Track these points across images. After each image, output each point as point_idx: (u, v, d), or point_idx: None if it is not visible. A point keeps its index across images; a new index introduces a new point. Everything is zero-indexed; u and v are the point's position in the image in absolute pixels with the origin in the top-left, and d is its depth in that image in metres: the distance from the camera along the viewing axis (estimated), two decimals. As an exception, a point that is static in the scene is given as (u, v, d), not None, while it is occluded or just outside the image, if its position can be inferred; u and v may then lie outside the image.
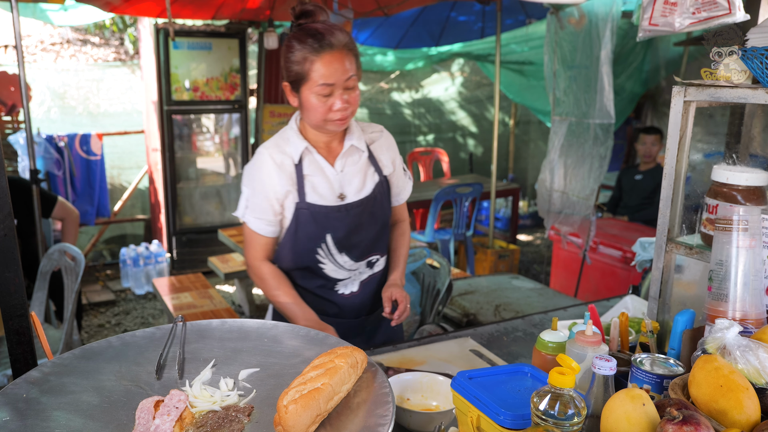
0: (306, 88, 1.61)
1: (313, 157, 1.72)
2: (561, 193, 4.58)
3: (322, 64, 1.57)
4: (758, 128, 1.74)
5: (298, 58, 1.59)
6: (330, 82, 1.58)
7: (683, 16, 1.50)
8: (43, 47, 6.24)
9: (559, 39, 4.48)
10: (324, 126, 1.65)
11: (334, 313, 1.83)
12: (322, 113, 1.61)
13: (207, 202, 5.93)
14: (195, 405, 1.11)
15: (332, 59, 1.57)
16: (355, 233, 1.75)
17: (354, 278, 1.81)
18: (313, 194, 1.70)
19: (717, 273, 1.22)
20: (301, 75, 1.60)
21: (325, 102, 1.60)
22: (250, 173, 1.72)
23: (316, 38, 1.57)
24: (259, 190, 1.70)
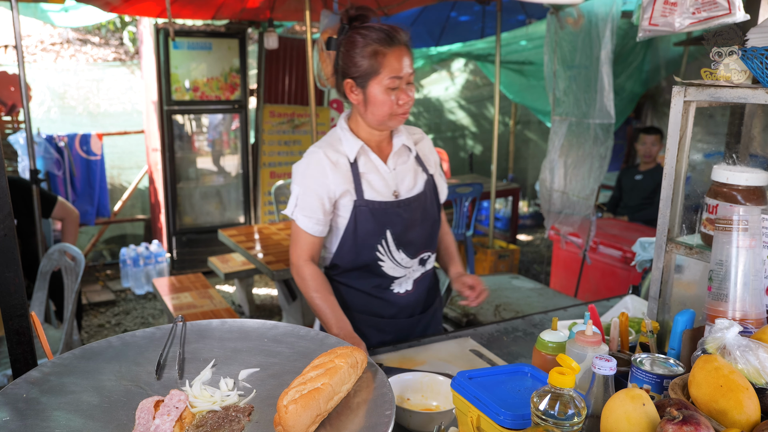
0: (375, 82, 1.65)
1: (368, 155, 1.75)
2: (561, 193, 4.58)
3: (393, 58, 1.63)
4: (758, 128, 1.74)
5: (369, 51, 1.63)
6: (399, 75, 1.63)
7: (683, 16, 1.50)
8: (43, 47, 6.24)
9: (559, 39, 4.48)
10: (388, 121, 1.70)
11: (390, 314, 1.85)
12: (389, 107, 1.66)
13: (207, 202, 5.93)
14: (195, 405, 1.11)
15: (400, 54, 1.64)
16: (411, 229, 1.78)
17: (408, 276, 1.84)
18: (370, 191, 1.74)
19: (717, 273, 1.22)
20: (371, 68, 1.64)
21: (391, 96, 1.65)
22: (303, 171, 1.74)
23: (385, 34, 1.63)
24: (312, 189, 1.72)
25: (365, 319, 1.83)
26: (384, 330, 1.85)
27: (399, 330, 1.87)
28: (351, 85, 1.69)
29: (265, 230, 4.16)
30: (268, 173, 5.93)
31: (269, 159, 5.92)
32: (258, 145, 5.92)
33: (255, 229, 4.20)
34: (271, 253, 3.56)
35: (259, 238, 3.93)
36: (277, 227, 4.24)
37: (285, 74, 5.91)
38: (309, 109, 4.08)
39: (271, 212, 5.88)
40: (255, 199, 6.01)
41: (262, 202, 5.94)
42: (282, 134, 5.94)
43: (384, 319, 1.84)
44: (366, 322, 1.84)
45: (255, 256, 3.52)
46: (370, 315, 1.83)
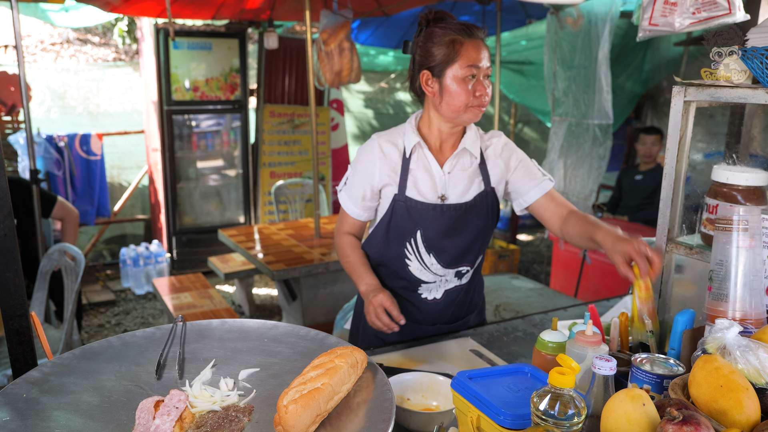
0: (451, 71, 1.64)
1: (423, 152, 1.75)
2: (561, 193, 4.58)
3: (471, 48, 1.63)
4: (758, 128, 1.75)
5: (447, 40, 1.64)
6: (477, 64, 1.63)
7: (683, 16, 1.50)
8: (43, 47, 6.24)
9: (558, 39, 4.48)
10: (463, 113, 1.67)
11: (414, 318, 1.84)
12: (465, 98, 1.64)
13: (207, 202, 5.93)
14: (195, 405, 1.11)
15: (477, 46, 1.64)
16: (447, 236, 1.74)
17: (440, 285, 1.81)
18: (413, 189, 1.73)
19: (717, 273, 1.22)
20: (448, 57, 1.64)
21: (467, 86, 1.64)
22: (358, 156, 1.79)
23: (464, 26, 1.66)
24: (360, 173, 1.77)
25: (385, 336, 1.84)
26: (404, 332, 1.82)
27: (419, 336, 1.85)
28: (427, 76, 1.68)
29: (265, 230, 4.16)
30: (268, 173, 5.93)
31: (269, 159, 5.92)
32: (258, 145, 5.92)
33: (255, 229, 4.20)
34: (271, 253, 3.56)
35: (259, 238, 3.93)
36: (277, 227, 4.24)
37: (285, 74, 5.91)
38: (309, 109, 4.08)
39: (271, 212, 5.88)
40: (255, 199, 6.01)
41: (262, 202, 5.94)
42: (282, 134, 5.94)
43: (409, 323, 1.81)
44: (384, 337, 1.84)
45: (255, 256, 3.53)
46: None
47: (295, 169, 6.02)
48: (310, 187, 5.29)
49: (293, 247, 3.69)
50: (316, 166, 3.97)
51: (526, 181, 1.80)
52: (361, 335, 1.92)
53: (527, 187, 1.80)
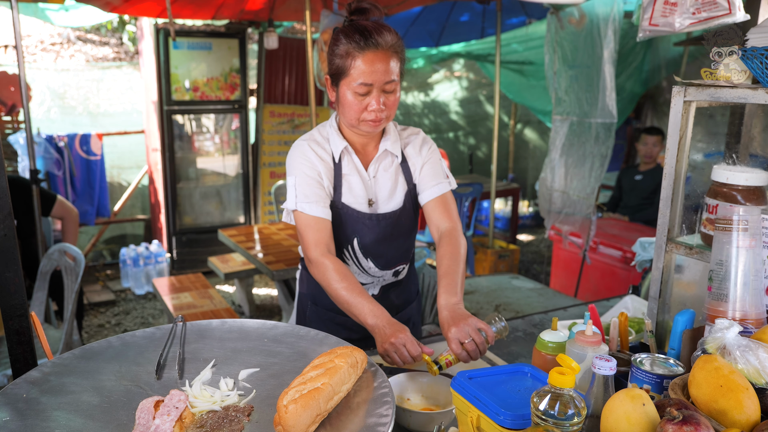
0: (344, 84, 1.57)
1: (351, 157, 1.69)
2: (561, 193, 4.58)
3: (363, 62, 1.53)
4: (758, 128, 1.75)
5: (342, 51, 1.56)
6: (368, 81, 1.53)
7: (683, 16, 1.50)
8: (43, 47, 6.24)
9: (559, 39, 4.48)
10: (357, 126, 1.61)
11: None
12: (357, 112, 1.57)
13: (207, 202, 5.93)
14: (195, 405, 1.11)
15: (375, 58, 1.53)
16: (382, 243, 1.72)
17: (377, 283, 1.80)
18: (348, 195, 1.68)
19: (717, 273, 1.22)
20: (341, 69, 1.56)
21: (361, 101, 1.56)
22: (293, 161, 1.66)
23: (363, 35, 1.53)
24: (307, 174, 1.63)
25: (332, 317, 1.81)
26: (352, 329, 1.80)
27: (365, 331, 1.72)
28: (329, 81, 1.64)
29: (265, 230, 4.16)
30: (268, 173, 5.93)
31: (269, 159, 5.92)
32: (258, 145, 5.92)
33: (255, 229, 4.20)
34: (271, 253, 3.55)
35: (259, 238, 3.93)
36: (277, 227, 4.24)
37: (285, 74, 5.91)
38: (309, 109, 4.08)
39: (271, 212, 5.88)
40: (255, 199, 6.01)
41: (262, 202, 5.94)
42: (282, 134, 5.94)
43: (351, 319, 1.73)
44: (333, 320, 1.81)
45: (255, 256, 3.52)
46: (337, 313, 1.79)
47: (295, 169, 6.01)
48: (310, 187, 5.28)
49: (293, 247, 3.69)
50: (316, 166, 3.96)
51: (428, 179, 1.74)
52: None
53: (427, 185, 1.74)
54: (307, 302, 1.85)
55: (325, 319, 1.82)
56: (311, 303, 1.84)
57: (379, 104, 1.56)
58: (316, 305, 1.83)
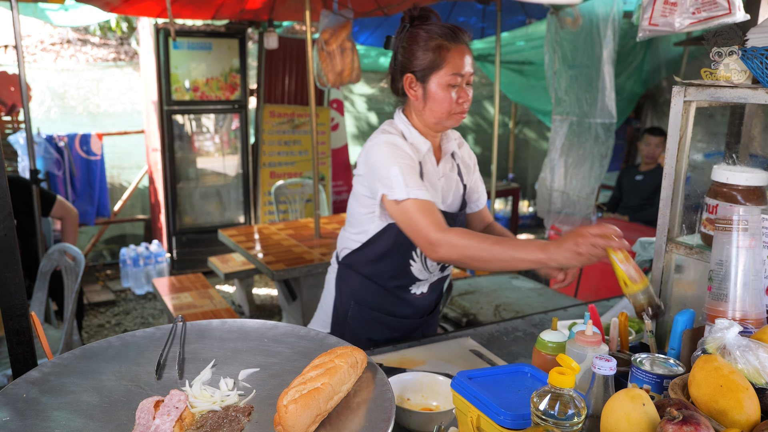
0: (436, 78, 1.63)
1: (429, 156, 1.73)
2: (561, 193, 4.58)
3: (455, 54, 1.61)
4: (758, 128, 1.75)
5: (432, 46, 1.62)
6: (461, 72, 1.62)
7: (683, 16, 1.50)
8: (43, 47, 6.24)
9: (559, 39, 4.48)
10: (445, 120, 1.67)
11: (403, 314, 1.86)
12: (449, 105, 1.63)
13: (207, 202, 5.93)
14: (195, 405, 1.11)
15: (462, 51, 1.63)
16: None
17: (428, 280, 1.84)
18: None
19: (717, 273, 1.22)
20: (434, 63, 1.62)
21: (451, 92, 1.63)
22: (390, 152, 1.62)
23: (450, 30, 1.63)
24: (408, 163, 1.62)
25: (377, 317, 1.84)
26: (394, 329, 1.86)
27: (407, 330, 1.88)
28: (411, 79, 1.66)
29: (265, 230, 4.16)
30: (268, 173, 5.93)
31: (269, 159, 5.92)
32: (258, 145, 5.92)
33: (255, 229, 4.20)
34: (271, 253, 3.55)
35: (259, 238, 3.93)
36: (277, 227, 4.24)
37: (285, 74, 5.91)
38: (309, 109, 4.08)
39: (271, 212, 5.88)
40: (255, 199, 6.01)
41: (262, 202, 5.94)
42: (282, 134, 5.94)
43: (396, 318, 1.85)
44: (377, 320, 1.84)
45: (255, 256, 3.52)
46: (382, 313, 1.84)
47: (295, 169, 6.02)
48: (310, 187, 5.29)
49: (293, 247, 3.69)
50: (316, 166, 3.97)
51: (480, 188, 1.94)
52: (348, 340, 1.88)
53: (480, 193, 1.93)
54: (350, 302, 1.84)
55: (368, 318, 1.84)
56: (354, 303, 1.84)
57: (468, 96, 1.65)
58: (359, 305, 1.84)
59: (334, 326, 1.91)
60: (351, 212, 1.81)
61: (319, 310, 1.99)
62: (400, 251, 1.76)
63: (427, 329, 1.97)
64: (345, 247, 1.85)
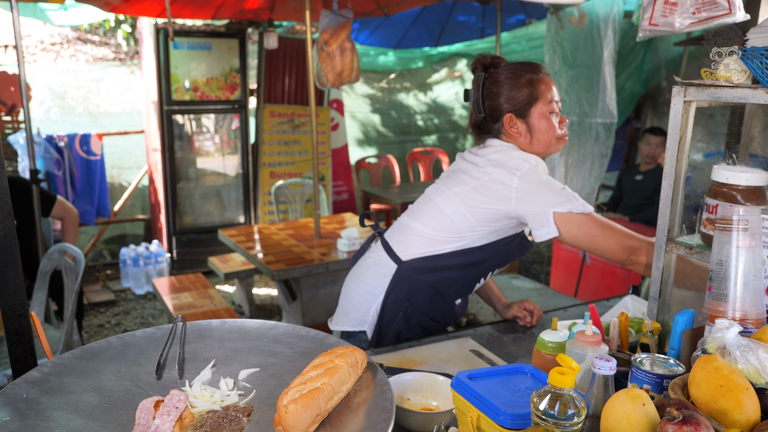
0: (536, 109, 1.73)
1: None
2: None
3: (546, 84, 1.74)
4: (758, 128, 1.74)
5: (524, 81, 1.72)
6: (557, 99, 1.75)
7: (683, 16, 1.50)
8: (43, 47, 6.24)
9: (560, 38, 4.49)
10: (554, 146, 1.77)
11: (445, 321, 1.92)
12: (554, 131, 1.75)
13: (207, 202, 5.93)
14: (195, 405, 1.11)
15: (550, 81, 1.76)
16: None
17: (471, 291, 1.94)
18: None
19: (717, 273, 1.22)
20: (531, 96, 1.72)
21: (552, 120, 1.74)
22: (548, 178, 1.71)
23: (531, 65, 1.75)
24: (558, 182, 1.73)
25: (424, 321, 1.87)
26: (431, 333, 1.90)
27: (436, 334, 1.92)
28: (511, 119, 1.74)
29: (265, 230, 4.16)
30: (268, 173, 5.93)
31: (269, 159, 5.92)
32: (258, 145, 5.92)
33: (255, 229, 4.20)
34: (271, 253, 3.56)
35: (259, 238, 3.93)
36: (277, 227, 4.24)
37: (285, 74, 5.91)
38: (309, 109, 4.08)
39: (271, 212, 5.88)
40: (255, 199, 6.01)
41: (262, 202, 5.94)
42: (282, 134, 5.94)
43: (438, 324, 1.90)
44: (423, 324, 1.87)
45: (255, 256, 3.52)
46: (430, 318, 1.87)
47: (295, 169, 6.02)
48: (310, 187, 5.29)
49: (293, 247, 3.69)
50: (316, 166, 3.97)
51: None
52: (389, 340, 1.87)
53: None
54: (404, 303, 1.83)
55: (415, 321, 1.85)
56: (409, 304, 1.84)
57: (566, 120, 1.79)
58: (413, 306, 1.84)
59: (379, 325, 1.85)
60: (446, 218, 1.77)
61: (350, 309, 1.91)
62: (484, 266, 1.83)
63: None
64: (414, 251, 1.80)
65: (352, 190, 6.59)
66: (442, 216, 1.77)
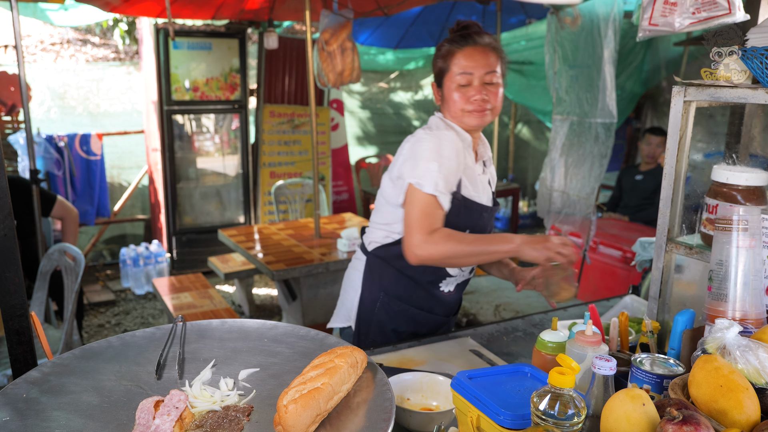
0: (447, 80, 1.73)
1: (469, 153, 1.78)
2: (561, 193, 4.58)
3: (462, 56, 1.70)
4: (758, 128, 1.75)
5: (443, 52, 1.74)
6: (468, 71, 1.69)
7: (683, 16, 1.50)
8: (43, 47, 6.24)
9: (560, 38, 4.48)
10: (462, 117, 1.73)
11: (429, 307, 1.89)
12: (461, 102, 1.71)
13: (207, 202, 5.93)
14: (195, 405, 1.11)
15: (474, 52, 1.70)
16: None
17: (457, 278, 1.89)
18: (468, 188, 1.76)
19: (717, 273, 1.22)
20: (444, 68, 1.74)
21: (464, 93, 1.70)
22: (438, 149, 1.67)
23: (463, 36, 1.72)
24: (450, 167, 1.68)
25: (405, 309, 1.86)
26: (420, 323, 1.89)
27: (432, 326, 1.91)
28: (434, 86, 1.81)
29: (265, 230, 4.16)
30: (268, 173, 5.93)
31: (269, 159, 5.92)
32: (258, 145, 5.92)
33: (255, 229, 4.20)
34: (271, 253, 3.55)
35: (259, 238, 3.93)
36: (277, 227, 4.24)
37: (285, 74, 5.91)
38: (309, 109, 4.08)
39: (271, 212, 5.88)
40: (255, 199, 6.01)
41: (262, 202, 5.94)
42: (282, 134, 5.94)
43: (423, 312, 1.87)
44: (405, 312, 1.86)
45: (255, 256, 3.52)
46: (411, 305, 1.86)
47: (295, 169, 6.02)
48: (310, 187, 5.29)
49: (293, 247, 3.69)
50: (316, 166, 3.97)
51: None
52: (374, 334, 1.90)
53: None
54: (379, 294, 1.86)
55: (396, 310, 1.86)
56: (384, 294, 1.86)
57: (480, 94, 1.70)
58: (389, 296, 1.86)
59: (359, 318, 1.90)
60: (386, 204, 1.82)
61: (339, 307, 2.00)
62: None
63: (448, 329, 2.00)
64: (374, 241, 1.86)
65: (352, 190, 6.59)
66: (383, 202, 1.83)
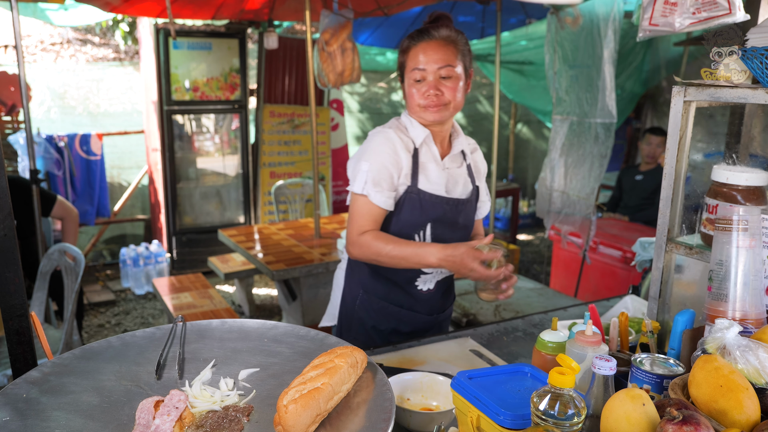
0: (405, 76, 1.75)
1: (429, 147, 1.79)
2: (561, 193, 4.58)
3: (417, 51, 1.70)
4: (758, 128, 1.75)
5: (403, 47, 1.75)
6: (421, 66, 1.69)
7: (683, 16, 1.50)
8: (43, 47, 6.24)
9: (560, 38, 4.48)
10: (418, 113, 1.74)
11: (409, 305, 1.88)
12: (416, 97, 1.72)
13: (207, 202, 5.93)
14: (195, 405, 1.11)
15: (427, 47, 1.69)
16: (450, 229, 1.82)
17: (434, 276, 1.87)
18: (425, 182, 1.76)
19: (717, 273, 1.22)
20: (403, 62, 1.76)
21: (419, 88, 1.71)
22: (372, 148, 1.74)
23: (420, 31, 1.72)
24: (382, 164, 1.72)
25: (384, 306, 1.87)
26: (402, 320, 1.88)
27: (417, 325, 1.90)
28: (400, 81, 1.81)
29: (265, 230, 4.16)
30: (268, 173, 5.93)
31: (269, 159, 5.92)
32: (258, 145, 5.92)
33: (255, 229, 4.20)
34: (271, 253, 3.55)
35: (259, 238, 3.93)
36: (277, 227, 4.24)
37: (285, 74, 5.91)
38: (309, 109, 4.08)
39: (271, 212, 5.88)
40: (255, 199, 6.01)
41: (262, 202, 5.94)
42: (282, 134, 5.94)
43: (403, 310, 1.87)
44: (384, 309, 1.87)
45: (255, 256, 3.52)
46: (390, 303, 1.86)
47: (295, 169, 6.02)
48: (310, 187, 5.29)
49: (293, 247, 3.69)
50: (316, 166, 3.97)
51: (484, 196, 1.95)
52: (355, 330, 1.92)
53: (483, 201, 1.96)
54: (359, 291, 1.88)
55: (376, 307, 1.87)
56: (363, 291, 1.87)
57: (434, 88, 1.69)
58: (367, 293, 1.87)
59: (341, 316, 1.94)
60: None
61: (329, 306, 2.04)
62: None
63: (439, 330, 1.98)
64: None
65: (352, 190, 6.58)
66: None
